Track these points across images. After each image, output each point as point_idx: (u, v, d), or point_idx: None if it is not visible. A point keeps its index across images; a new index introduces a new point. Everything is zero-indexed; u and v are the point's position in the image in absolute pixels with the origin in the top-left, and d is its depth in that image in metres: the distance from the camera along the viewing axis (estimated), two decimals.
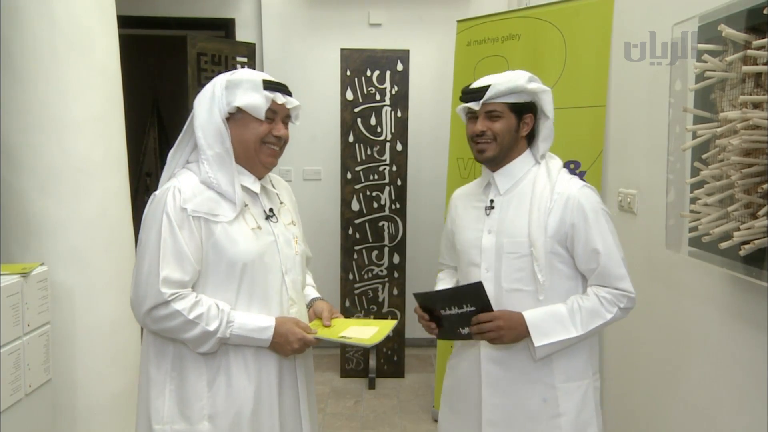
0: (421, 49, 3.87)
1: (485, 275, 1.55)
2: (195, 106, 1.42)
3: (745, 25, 1.37)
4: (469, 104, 1.56)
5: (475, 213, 1.63)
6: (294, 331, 1.40)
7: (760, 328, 1.52)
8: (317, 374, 3.70)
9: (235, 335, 1.37)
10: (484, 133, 1.54)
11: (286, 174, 4.07)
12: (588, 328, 1.46)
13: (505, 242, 1.53)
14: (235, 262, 1.37)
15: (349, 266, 3.63)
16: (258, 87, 1.40)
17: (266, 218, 1.48)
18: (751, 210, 1.38)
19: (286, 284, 1.47)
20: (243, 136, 1.42)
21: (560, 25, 2.66)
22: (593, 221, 1.49)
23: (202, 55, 3.35)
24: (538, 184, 1.54)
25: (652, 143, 2.07)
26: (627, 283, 1.49)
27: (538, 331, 1.45)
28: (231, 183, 1.39)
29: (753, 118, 1.30)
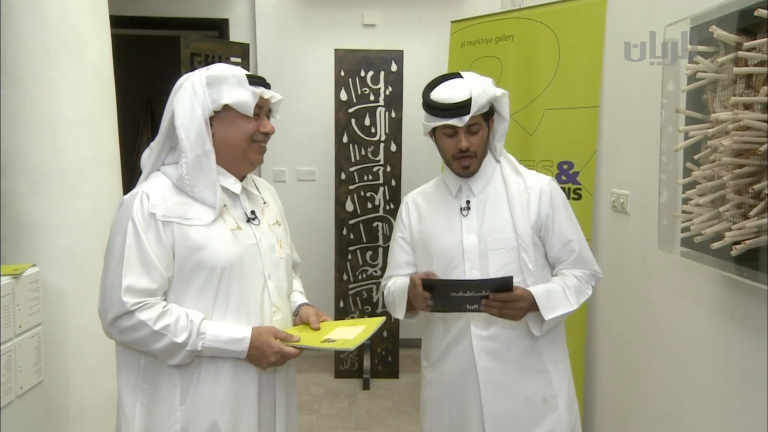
0: (415, 50, 3.88)
1: (471, 274, 1.56)
2: (174, 106, 1.34)
3: (737, 27, 1.38)
4: (452, 121, 1.51)
5: (446, 217, 1.63)
6: (270, 343, 1.32)
7: (752, 328, 1.53)
8: (311, 375, 3.70)
9: (207, 347, 1.29)
10: (469, 148, 1.54)
11: (281, 174, 4.07)
12: (579, 302, 1.56)
13: (489, 240, 1.57)
14: (213, 266, 1.30)
15: (344, 267, 3.63)
16: (243, 82, 1.34)
17: (247, 221, 1.41)
18: (743, 210, 1.39)
19: (268, 290, 1.40)
20: (230, 135, 1.36)
21: (553, 26, 2.67)
22: (564, 212, 1.62)
23: (195, 56, 3.34)
24: (510, 181, 1.61)
25: (645, 144, 2.08)
26: (596, 265, 1.65)
27: (546, 306, 1.51)
28: (209, 187, 1.32)
29: (744, 119, 1.31)
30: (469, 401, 1.59)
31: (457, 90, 1.52)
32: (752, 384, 1.52)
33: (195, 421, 1.32)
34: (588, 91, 2.54)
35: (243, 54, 3.70)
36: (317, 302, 1.71)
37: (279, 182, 4.05)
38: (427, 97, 1.58)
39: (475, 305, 1.47)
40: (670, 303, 1.97)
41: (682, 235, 1.63)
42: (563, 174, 2.62)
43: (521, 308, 1.48)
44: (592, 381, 2.57)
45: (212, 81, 1.33)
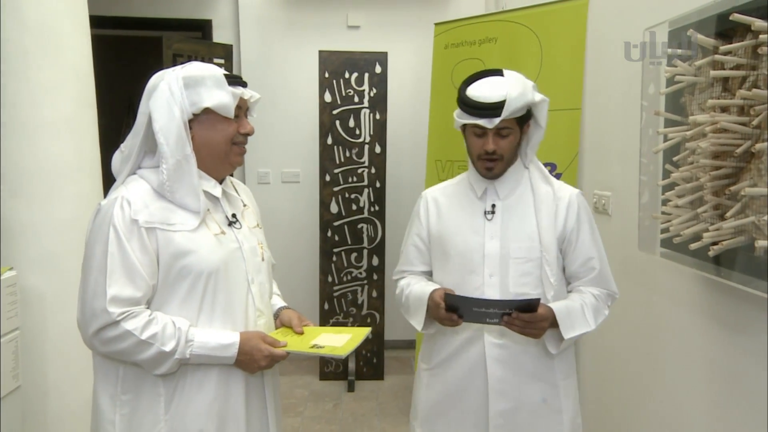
0: (400, 52, 3.88)
1: (489, 281, 1.51)
2: (150, 108, 1.28)
3: (715, 31, 1.40)
4: (481, 122, 1.46)
5: (470, 218, 1.57)
6: (260, 347, 1.30)
7: (731, 328, 1.55)
8: (296, 378, 3.68)
9: (195, 355, 1.26)
10: (495, 151, 1.49)
11: (265, 176, 4.04)
12: (597, 323, 1.52)
13: (512, 247, 1.52)
14: (199, 272, 1.27)
15: (328, 269, 3.62)
16: (222, 83, 1.30)
17: (229, 224, 1.38)
18: (720, 211, 1.41)
19: (252, 294, 1.37)
20: (211, 139, 1.32)
21: (536, 28, 2.69)
22: (589, 228, 1.57)
23: (178, 56, 3.31)
24: (539, 189, 1.56)
25: (626, 146, 2.10)
26: (614, 285, 1.59)
27: (566, 325, 1.47)
28: (190, 193, 1.28)
29: (721, 122, 1.33)
30: (474, 408, 1.54)
31: (493, 89, 1.46)
32: (732, 382, 1.54)
33: (181, 430, 1.29)
34: (570, 93, 2.56)
35: (226, 55, 3.67)
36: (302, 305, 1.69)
37: (263, 184, 4.03)
38: (462, 92, 1.51)
39: (496, 320, 1.43)
40: (650, 303, 1.99)
41: (661, 236, 1.65)
42: None
43: (543, 328, 1.44)
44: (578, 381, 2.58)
45: (189, 82, 1.29)
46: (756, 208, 1.28)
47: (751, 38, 1.27)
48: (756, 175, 1.29)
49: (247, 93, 1.36)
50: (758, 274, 1.27)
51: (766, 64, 1.24)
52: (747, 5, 1.28)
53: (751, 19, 1.21)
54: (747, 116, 1.29)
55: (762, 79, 1.26)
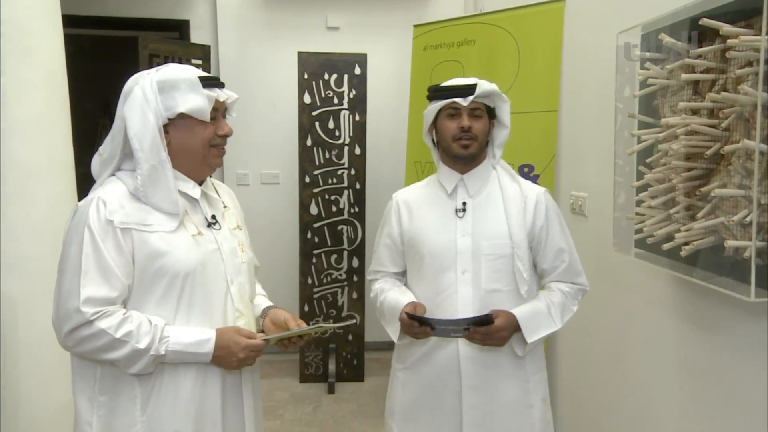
0: (379, 53, 3.88)
1: (462, 278, 1.56)
2: (125, 114, 1.27)
3: (687, 35, 1.42)
4: (457, 99, 1.55)
5: (441, 216, 1.62)
6: (237, 340, 1.30)
7: (703, 327, 1.57)
8: (276, 380, 3.65)
9: (171, 351, 1.25)
10: (470, 128, 1.56)
11: (244, 178, 4.01)
12: (564, 321, 1.58)
13: (483, 244, 1.57)
14: (175, 272, 1.27)
15: (308, 270, 3.61)
16: (197, 86, 1.29)
17: (208, 225, 1.37)
18: (692, 212, 1.43)
19: (231, 295, 1.37)
20: (188, 143, 1.32)
21: (513, 31, 2.71)
22: (558, 223, 1.63)
23: (154, 57, 3.26)
24: (507, 187, 1.62)
25: (602, 147, 2.13)
26: (584, 278, 1.65)
27: (529, 329, 1.53)
28: (166, 198, 1.28)
29: (691, 124, 1.35)
30: (448, 405, 1.58)
31: (463, 79, 1.61)
32: (702, 378, 1.57)
33: (158, 431, 1.28)
34: (547, 95, 2.59)
35: (204, 56, 3.64)
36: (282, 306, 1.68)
37: (242, 186, 4.00)
38: (432, 88, 1.63)
39: (460, 333, 1.50)
40: (625, 302, 2.02)
41: (636, 236, 1.67)
42: (524, 177, 2.64)
43: (503, 337, 1.50)
44: (553, 379, 2.61)
45: (164, 86, 1.28)
46: (726, 209, 1.31)
47: (720, 42, 1.29)
48: (726, 176, 1.31)
49: (223, 95, 1.35)
50: (728, 273, 1.29)
51: (734, 67, 1.26)
52: (716, 10, 1.30)
53: (720, 24, 1.24)
54: (717, 119, 1.32)
55: (731, 82, 1.29)
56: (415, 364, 1.63)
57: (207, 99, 1.30)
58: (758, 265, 1.18)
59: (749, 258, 1.19)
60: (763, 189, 1.18)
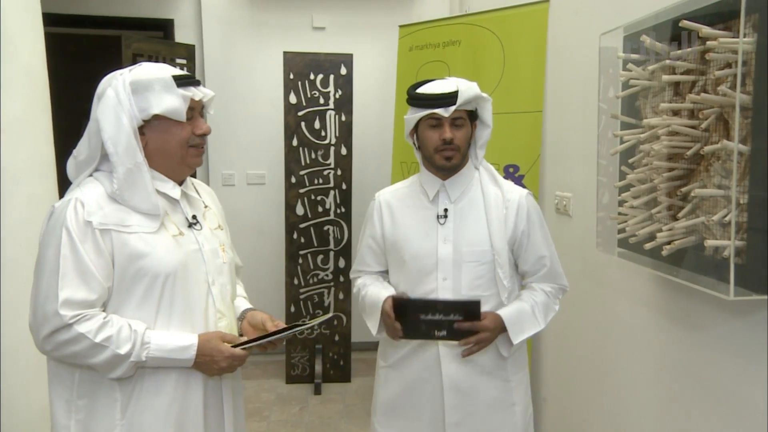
0: (365, 54, 3.88)
1: (443, 284, 1.56)
2: (98, 117, 1.25)
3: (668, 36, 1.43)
4: (438, 110, 1.50)
5: (421, 222, 1.61)
6: (220, 348, 1.28)
7: (685, 325, 1.59)
8: (262, 381, 3.64)
9: (152, 357, 1.24)
10: (453, 140, 1.53)
11: (230, 178, 3.99)
12: (547, 320, 1.59)
13: (465, 251, 1.56)
14: (155, 274, 1.25)
15: (294, 271, 3.59)
16: (171, 86, 1.27)
17: (189, 226, 1.36)
18: (673, 212, 1.45)
19: (212, 295, 1.35)
20: (165, 144, 1.30)
21: (498, 31, 2.72)
22: (539, 227, 1.63)
23: (138, 56, 3.23)
24: (489, 191, 1.61)
25: (586, 148, 2.15)
26: (565, 279, 1.67)
27: (515, 330, 1.54)
28: (145, 200, 1.26)
29: (672, 125, 1.36)
30: (429, 405, 1.58)
31: (444, 84, 1.54)
32: (683, 375, 1.59)
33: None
34: (532, 96, 2.60)
35: (188, 55, 3.61)
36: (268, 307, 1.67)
37: (228, 186, 3.98)
38: (412, 91, 1.57)
39: (444, 331, 1.48)
40: (609, 302, 2.04)
41: (618, 236, 1.69)
42: (509, 177, 2.67)
43: (489, 339, 1.51)
44: (537, 378, 2.63)
45: (137, 88, 1.26)
46: (706, 208, 1.32)
47: (700, 44, 1.31)
48: (706, 176, 1.33)
49: (199, 93, 1.33)
50: (708, 272, 1.30)
51: (713, 69, 1.28)
52: (696, 12, 1.32)
53: (699, 26, 1.25)
54: (697, 119, 1.33)
55: (710, 83, 1.30)
56: (398, 362, 1.64)
57: (182, 99, 1.28)
58: (737, 264, 1.20)
59: (728, 257, 1.20)
60: (742, 189, 1.20)
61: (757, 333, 1.30)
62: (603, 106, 1.77)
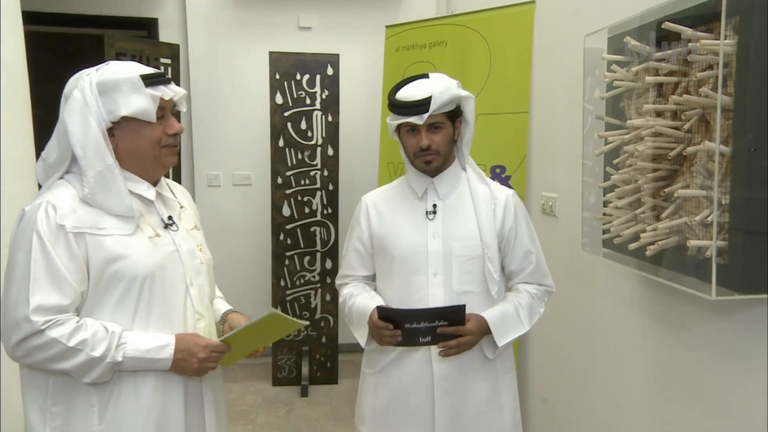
0: (352, 54, 3.87)
1: (433, 280, 1.56)
2: (65, 119, 1.23)
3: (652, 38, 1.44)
4: (412, 119, 1.51)
5: (410, 219, 1.61)
6: (196, 341, 1.27)
7: (669, 326, 1.61)
8: (248, 384, 3.62)
9: (129, 357, 1.22)
10: (430, 146, 1.54)
11: (215, 179, 3.96)
12: (531, 323, 1.60)
13: (454, 246, 1.57)
14: (132, 276, 1.23)
15: (281, 272, 3.58)
16: (139, 86, 1.24)
17: (165, 227, 1.34)
18: (657, 212, 1.46)
19: (191, 297, 1.34)
20: (135, 146, 1.28)
21: (485, 32, 2.73)
22: (525, 225, 1.64)
23: (121, 56, 3.20)
24: (477, 189, 1.62)
25: (572, 149, 2.16)
26: (550, 279, 1.67)
27: (499, 332, 1.54)
28: (119, 202, 1.24)
29: (656, 126, 1.38)
30: (420, 408, 1.58)
31: (418, 89, 1.52)
32: (669, 376, 1.61)
33: None
34: (518, 96, 2.62)
35: (173, 55, 3.58)
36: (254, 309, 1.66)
37: (213, 187, 3.95)
38: (391, 96, 1.57)
39: (428, 337, 1.49)
40: (595, 303, 2.05)
41: (603, 236, 1.70)
42: (496, 178, 2.68)
43: (472, 342, 1.51)
44: (524, 379, 2.64)
45: (104, 88, 1.23)
46: (689, 209, 1.34)
47: (682, 46, 1.32)
48: (689, 177, 1.35)
49: (169, 92, 1.30)
50: (692, 272, 1.32)
51: (696, 71, 1.29)
52: (679, 14, 1.33)
53: (682, 28, 1.27)
54: (680, 121, 1.35)
55: (693, 85, 1.32)
56: (387, 368, 1.62)
57: (151, 99, 1.25)
58: (719, 264, 1.21)
59: (711, 257, 1.21)
60: (724, 190, 1.21)
61: (740, 332, 1.32)
62: (588, 107, 1.79)
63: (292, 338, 3.61)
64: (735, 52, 1.18)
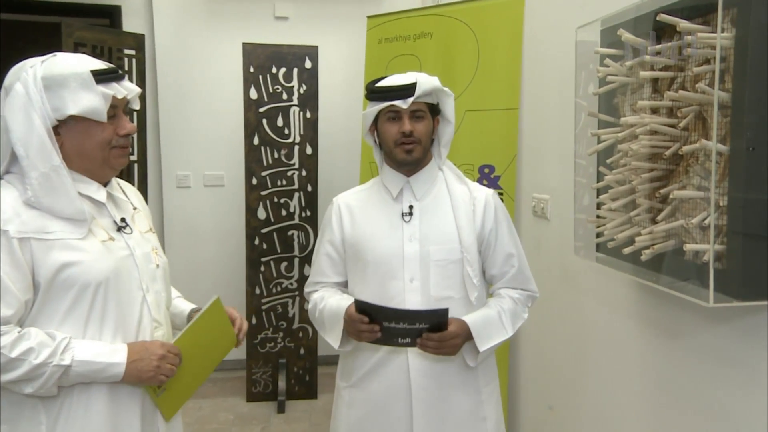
0: (331, 46, 3.87)
1: (410, 286, 1.56)
2: (5, 115, 1.20)
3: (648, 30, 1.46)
4: (397, 102, 1.53)
5: (385, 221, 1.62)
6: (150, 341, 1.28)
7: (663, 333, 1.62)
8: (220, 400, 3.59)
9: (78, 362, 1.20)
10: (412, 132, 1.55)
11: (184, 179, 3.93)
12: (515, 328, 1.60)
13: (431, 250, 1.57)
14: (85, 283, 1.22)
15: (256, 280, 3.56)
16: (89, 83, 1.21)
17: (118, 230, 1.33)
18: (653, 215, 1.48)
19: (147, 303, 1.34)
20: (83, 147, 1.25)
21: (472, 24, 2.74)
22: (507, 226, 1.66)
23: (80, 46, 3.15)
24: (455, 189, 1.64)
25: (564, 147, 2.17)
26: (534, 285, 1.69)
27: (481, 337, 1.54)
28: (69, 206, 1.22)
29: (650, 124, 1.39)
30: (397, 422, 1.58)
31: (402, 77, 1.57)
32: (666, 387, 1.62)
33: None
34: (508, 92, 2.63)
35: (137, 46, 3.54)
36: None
37: (183, 188, 3.92)
38: (371, 86, 1.60)
39: (408, 339, 1.48)
40: (588, 309, 2.07)
41: (596, 240, 1.71)
42: (484, 178, 2.69)
43: (456, 345, 1.51)
44: (514, 388, 2.65)
45: (50, 84, 1.20)
46: (686, 211, 1.35)
47: (678, 39, 1.34)
48: (685, 177, 1.36)
49: (122, 90, 1.28)
50: (689, 277, 1.33)
51: (692, 65, 1.31)
52: (675, 5, 1.35)
53: (676, 20, 1.28)
54: (676, 118, 1.36)
55: (689, 80, 1.33)
56: (362, 380, 1.62)
57: (102, 97, 1.23)
58: (717, 269, 1.22)
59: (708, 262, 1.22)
60: (722, 191, 1.23)
61: (740, 341, 1.33)
62: (583, 103, 1.80)
63: (268, 350, 3.59)
64: (733, 45, 1.19)
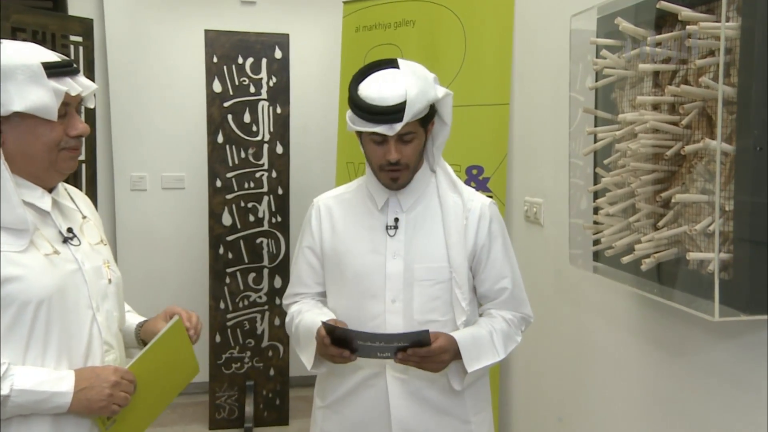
0: (304, 34, 3.87)
1: (391, 307, 1.54)
2: None
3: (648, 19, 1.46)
4: (380, 129, 1.45)
5: (369, 233, 1.60)
6: (102, 367, 1.26)
7: (665, 349, 1.63)
8: (179, 428, 3.55)
9: (18, 391, 1.16)
10: (399, 161, 1.51)
11: (140, 182, 3.89)
12: (507, 351, 1.57)
13: (416, 268, 1.55)
14: (25, 300, 1.19)
15: (220, 293, 3.53)
16: (39, 76, 1.19)
17: (63, 241, 1.31)
18: (654, 220, 1.48)
19: (98, 324, 1.31)
20: (27, 147, 1.23)
21: (459, 11, 2.75)
22: (503, 243, 1.63)
23: (19, 31, 3.09)
24: (447, 199, 1.60)
25: (559, 146, 2.18)
26: (529, 308, 1.66)
27: (470, 356, 1.51)
28: (9, 213, 1.19)
29: (650, 121, 1.40)
30: None
31: (390, 89, 1.45)
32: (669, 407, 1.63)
33: None
34: (497, 86, 2.64)
35: (85, 32, 3.47)
36: None
37: (138, 191, 3.88)
38: (353, 92, 1.50)
39: (387, 353, 1.46)
40: (584, 323, 2.08)
41: (593, 248, 1.72)
42: (472, 180, 2.70)
43: (444, 361, 1.47)
44: (507, 406, 2.65)
45: None
46: (689, 216, 1.36)
47: (680, 29, 1.35)
48: (688, 179, 1.37)
49: (77, 87, 1.26)
50: (693, 289, 1.34)
51: (695, 57, 1.32)
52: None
53: (678, 8, 1.29)
54: (678, 114, 1.37)
55: (692, 73, 1.34)
56: (338, 402, 1.61)
57: (54, 93, 1.21)
58: (723, 279, 1.23)
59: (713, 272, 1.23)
60: (727, 194, 1.24)
61: (746, 357, 1.34)
62: (578, 97, 1.80)
63: (233, 371, 3.55)
64: (739, 36, 1.20)
